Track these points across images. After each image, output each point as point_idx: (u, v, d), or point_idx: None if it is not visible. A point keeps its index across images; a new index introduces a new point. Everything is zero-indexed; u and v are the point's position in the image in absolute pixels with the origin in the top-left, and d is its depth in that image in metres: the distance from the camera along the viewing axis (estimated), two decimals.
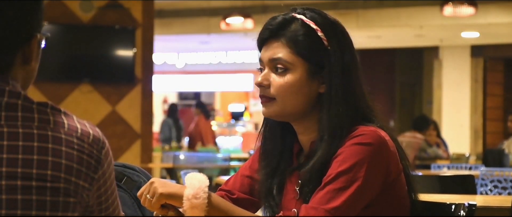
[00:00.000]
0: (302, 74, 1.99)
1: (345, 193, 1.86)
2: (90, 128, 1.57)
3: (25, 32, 1.58)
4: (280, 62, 2.00)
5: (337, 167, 1.89)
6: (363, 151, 1.89)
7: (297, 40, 1.99)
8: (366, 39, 13.79)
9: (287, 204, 2.04)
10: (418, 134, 9.74)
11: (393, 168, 1.94)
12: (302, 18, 2.01)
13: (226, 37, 14.14)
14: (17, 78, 1.59)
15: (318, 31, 1.99)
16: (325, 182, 1.89)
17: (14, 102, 1.53)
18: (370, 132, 1.92)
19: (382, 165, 1.91)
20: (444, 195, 3.76)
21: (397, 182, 1.96)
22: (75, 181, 1.52)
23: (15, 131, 1.50)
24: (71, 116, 1.57)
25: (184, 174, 6.28)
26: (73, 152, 1.53)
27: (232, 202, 2.11)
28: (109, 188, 1.61)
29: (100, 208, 1.60)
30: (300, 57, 1.99)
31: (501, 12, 11.95)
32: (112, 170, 1.61)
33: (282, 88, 2.00)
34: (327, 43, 1.99)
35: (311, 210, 1.86)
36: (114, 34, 9.23)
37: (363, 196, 1.89)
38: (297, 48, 1.99)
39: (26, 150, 1.49)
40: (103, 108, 9.21)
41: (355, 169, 1.88)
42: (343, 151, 1.91)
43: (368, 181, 1.88)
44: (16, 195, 1.48)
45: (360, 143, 1.90)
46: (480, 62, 14.88)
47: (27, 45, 1.59)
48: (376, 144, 1.90)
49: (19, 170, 1.48)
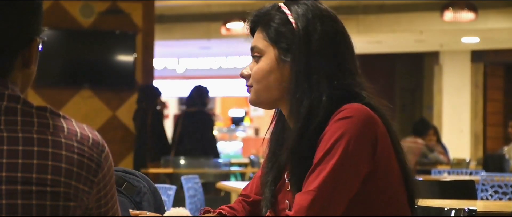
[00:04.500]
0: (272, 58, 2.01)
1: (334, 171, 1.83)
2: (89, 132, 1.57)
3: (26, 36, 1.58)
4: (256, 50, 2.05)
5: (323, 147, 1.87)
6: (344, 124, 1.86)
7: (269, 25, 2.03)
8: (366, 44, 13.80)
9: (281, 197, 2.03)
10: (419, 139, 9.74)
11: (380, 143, 1.88)
12: (280, 5, 2.04)
13: (227, 42, 14.14)
14: (17, 81, 1.58)
15: (289, 15, 2.01)
16: (314, 164, 1.87)
17: (13, 106, 1.52)
18: (353, 106, 1.89)
19: (367, 136, 1.86)
20: (444, 200, 3.76)
21: (387, 163, 1.90)
22: (75, 185, 1.52)
23: (14, 136, 1.50)
24: (70, 120, 1.57)
25: (184, 180, 6.28)
26: (73, 155, 1.52)
27: (248, 205, 2.15)
28: (109, 192, 1.60)
29: (99, 211, 1.60)
30: (270, 42, 2.02)
31: (501, 18, 11.96)
32: (112, 174, 1.61)
33: (255, 74, 2.04)
34: (296, 26, 1.99)
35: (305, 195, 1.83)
36: (115, 39, 9.24)
37: (350, 167, 1.84)
38: (268, 34, 2.03)
39: (26, 155, 1.49)
40: (103, 113, 9.21)
41: (339, 142, 1.85)
42: (327, 130, 1.88)
43: (353, 152, 1.84)
44: (16, 200, 1.48)
45: (342, 118, 1.87)
46: (480, 68, 14.88)
47: (27, 49, 1.59)
48: (357, 116, 1.87)
49: (19, 174, 1.48)
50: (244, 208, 2.18)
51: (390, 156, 1.92)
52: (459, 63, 14.80)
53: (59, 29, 8.98)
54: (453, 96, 14.83)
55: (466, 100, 14.79)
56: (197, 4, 12.87)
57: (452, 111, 14.83)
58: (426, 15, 12.05)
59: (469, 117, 14.77)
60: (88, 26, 9.14)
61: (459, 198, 4.07)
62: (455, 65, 14.84)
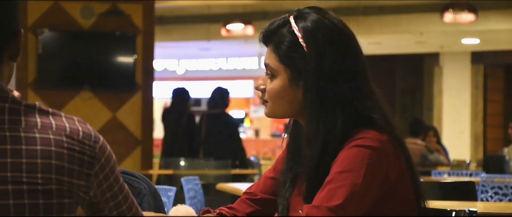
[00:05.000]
0: (284, 81, 2.02)
1: (346, 191, 1.86)
2: (79, 125, 1.54)
3: (12, 29, 1.56)
4: (268, 68, 2.06)
5: (337, 168, 1.90)
6: (362, 153, 1.89)
7: (280, 47, 2.02)
8: (366, 45, 13.79)
9: (295, 204, 2.05)
10: (419, 141, 9.74)
11: (392, 173, 1.93)
12: (291, 24, 2.03)
13: (227, 43, 14.15)
14: (3, 76, 1.56)
15: (299, 38, 2.00)
16: (326, 182, 1.89)
17: (1, 106, 1.51)
18: (371, 135, 1.92)
19: (381, 169, 1.91)
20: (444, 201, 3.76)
21: (400, 187, 1.95)
22: (68, 181, 1.50)
23: (2, 135, 1.48)
24: (59, 115, 1.54)
25: (184, 181, 6.28)
26: (63, 150, 1.50)
27: (254, 203, 2.17)
28: (115, 184, 1.58)
29: (109, 206, 1.58)
30: (282, 64, 2.02)
31: (502, 19, 11.96)
32: (114, 165, 1.58)
33: (270, 93, 2.05)
34: (306, 49, 1.99)
35: (313, 210, 1.86)
36: (115, 41, 9.23)
37: (364, 197, 1.88)
38: (279, 56, 2.02)
39: (14, 154, 1.47)
40: (103, 114, 9.20)
41: (355, 169, 1.88)
42: (343, 154, 1.92)
43: (368, 183, 1.88)
44: (8, 200, 1.46)
45: (360, 146, 1.91)
46: (480, 69, 14.88)
47: (14, 42, 1.57)
48: (376, 147, 1.90)
49: (8, 174, 1.46)
50: (249, 207, 2.18)
51: (400, 176, 1.96)
52: (459, 64, 14.80)
53: (59, 30, 8.97)
54: (453, 97, 14.83)
55: (466, 101, 14.79)
56: (197, 5, 12.87)
57: (452, 113, 14.83)
58: (426, 16, 12.05)
59: (469, 119, 14.77)
60: (88, 27, 9.14)
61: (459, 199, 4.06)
62: (455, 66, 14.84)
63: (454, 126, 14.73)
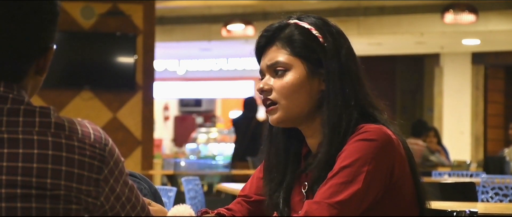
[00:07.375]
0: (301, 72, 1.99)
1: (349, 188, 1.85)
2: (91, 129, 1.56)
3: (43, 44, 1.58)
4: (279, 65, 2.01)
5: (340, 163, 1.88)
6: (367, 147, 1.88)
7: (292, 40, 2.00)
8: (366, 46, 13.79)
9: (294, 207, 2.04)
10: (420, 141, 9.74)
11: (398, 168, 1.92)
12: (296, 22, 2.03)
13: (227, 44, 14.14)
14: (27, 88, 1.58)
15: (312, 29, 2.00)
16: (328, 178, 1.88)
17: (16, 108, 1.52)
18: (376, 129, 1.91)
19: (386, 162, 1.89)
20: (445, 202, 3.76)
21: (402, 184, 1.93)
22: (77, 187, 1.51)
23: (15, 138, 1.49)
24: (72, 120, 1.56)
25: (185, 181, 6.28)
26: (74, 156, 1.51)
27: (250, 205, 2.15)
28: (125, 187, 1.59)
29: (126, 210, 1.59)
30: (297, 56, 2.00)
31: (502, 20, 11.96)
32: (122, 167, 1.59)
33: (284, 89, 2.00)
34: (323, 40, 1.99)
35: (314, 205, 1.85)
36: (115, 41, 9.24)
37: (367, 192, 1.87)
38: (293, 49, 2.00)
39: (25, 158, 1.48)
40: (104, 115, 9.20)
41: (359, 164, 1.86)
42: (347, 148, 1.90)
43: (372, 177, 1.86)
44: (15, 203, 1.47)
45: (364, 139, 1.89)
46: (481, 70, 14.88)
47: (43, 57, 1.59)
48: (380, 140, 1.89)
49: (19, 178, 1.47)
50: (245, 208, 2.18)
51: (404, 173, 1.94)
52: (460, 65, 14.79)
53: (60, 31, 8.92)
54: (454, 98, 14.82)
55: (466, 102, 14.79)
56: (197, 6, 12.87)
57: (453, 113, 14.82)
58: (426, 17, 12.04)
59: (469, 119, 14.76)
60: (89, 27, 9.14)
61: (459, 200, 4.07)
62: (456, 67, 14.83)
63: (455, 127, 14.73)
